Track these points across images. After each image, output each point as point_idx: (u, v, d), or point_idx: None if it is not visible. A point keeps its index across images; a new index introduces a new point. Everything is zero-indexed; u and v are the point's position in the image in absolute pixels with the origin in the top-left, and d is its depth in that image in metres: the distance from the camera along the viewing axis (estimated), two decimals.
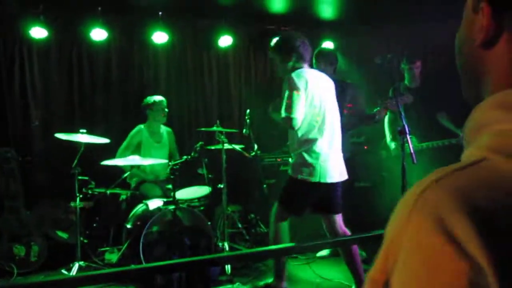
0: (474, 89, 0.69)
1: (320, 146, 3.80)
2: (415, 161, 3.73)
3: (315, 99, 3.79)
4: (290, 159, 4.06)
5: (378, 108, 4.69)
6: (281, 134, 5.76)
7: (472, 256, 0.47)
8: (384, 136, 5.33)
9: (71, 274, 4.36)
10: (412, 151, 3.73)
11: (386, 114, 5.11)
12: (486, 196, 0.50)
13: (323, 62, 4.95)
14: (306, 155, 3.79)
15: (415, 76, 5.10)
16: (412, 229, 0.53)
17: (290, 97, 3.69)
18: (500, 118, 0.57)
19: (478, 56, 0.66)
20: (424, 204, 0.53)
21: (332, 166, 3.85)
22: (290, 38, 3.97)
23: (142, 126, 5.52)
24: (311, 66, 4.12)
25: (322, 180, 3.79)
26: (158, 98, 5.54)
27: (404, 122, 3.79)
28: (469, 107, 0.69)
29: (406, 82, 5.14)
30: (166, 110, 5.55)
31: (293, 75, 3.75)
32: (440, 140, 4.87)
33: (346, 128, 4.91)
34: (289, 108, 3.67)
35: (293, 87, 3.70)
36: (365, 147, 6.22)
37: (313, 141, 3.79)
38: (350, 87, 5.02)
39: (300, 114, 3.69)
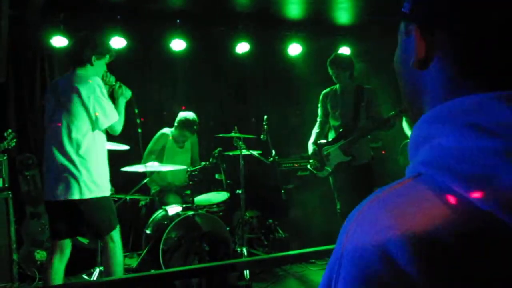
0: (415, 108, 0.71)
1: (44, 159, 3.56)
2: None
3: (46, 107, 3.64)
4: None
5: (393, 112, 4.68)
6: (298, 140, 5.78)
7: (409, 276, 0.48)
8: (401, 141, 5.30)
9: (92, 279, 4.42)
10: None
11: (401, 119, 5.10)
12: (418, 213, 0.52)
13: (335, 68, 4.96)
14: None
15: None
16: (351, 245, 0.54)
17: None
18: (434, 132, 0.59)
19: (414, 77, 0.69)
20: (363, 221, 0.55)
21: (46, 183, 3.53)
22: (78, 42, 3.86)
23: (167, 131, 5.46)
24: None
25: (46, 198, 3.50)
26: (183, 116, 5.32)
27: None
28: None
29: None
30: (186, 135, 5.33)
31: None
32: None
33: (362, 133, 4.92)
34: None
35: None
36: (383, 152, 6.21)
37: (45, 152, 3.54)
38: (367, 92, 5.02)
39: None
